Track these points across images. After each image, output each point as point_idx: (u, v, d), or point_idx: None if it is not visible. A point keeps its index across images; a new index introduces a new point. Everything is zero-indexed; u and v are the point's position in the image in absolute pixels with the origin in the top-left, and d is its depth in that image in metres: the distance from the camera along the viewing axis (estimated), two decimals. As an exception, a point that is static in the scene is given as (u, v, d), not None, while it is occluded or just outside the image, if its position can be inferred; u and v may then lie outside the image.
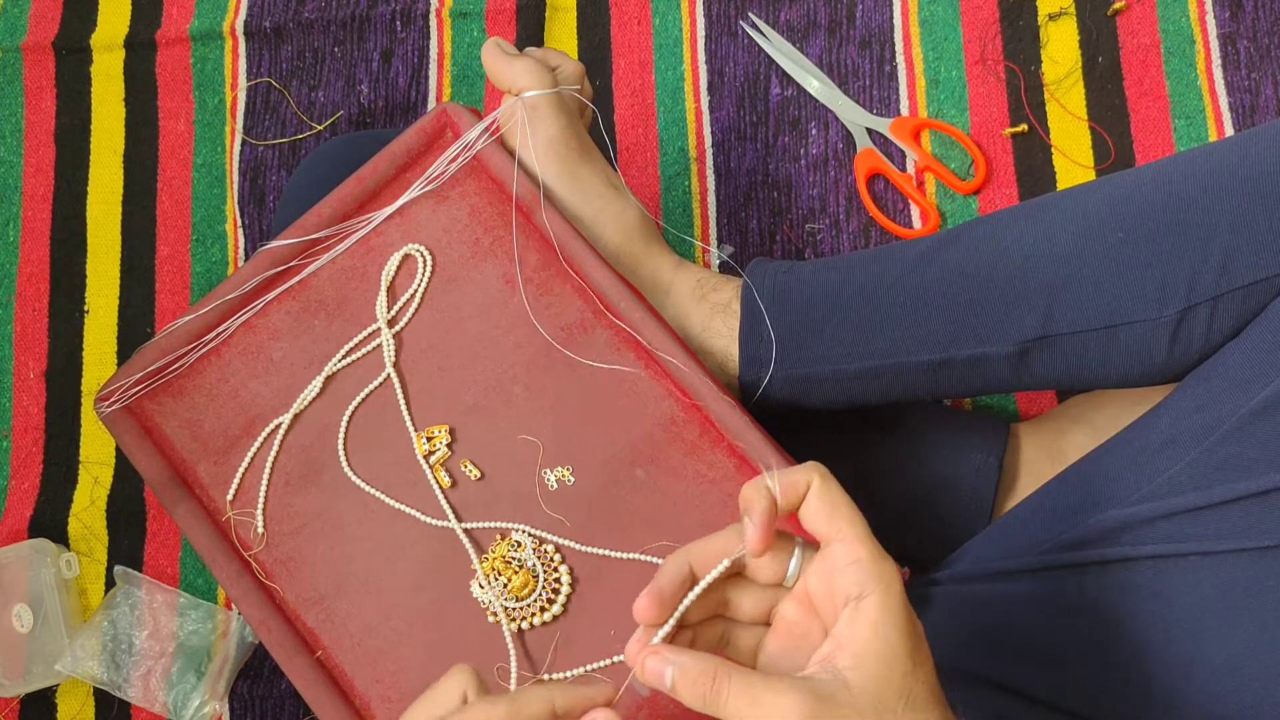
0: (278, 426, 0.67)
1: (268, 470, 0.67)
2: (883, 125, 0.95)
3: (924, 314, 0.65)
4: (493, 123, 0.69)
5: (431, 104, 1.01)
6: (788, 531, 0.49)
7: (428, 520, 0.65)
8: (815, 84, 0.96)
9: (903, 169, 0.95)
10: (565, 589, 0.64)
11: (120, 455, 0.97)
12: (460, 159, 0.69)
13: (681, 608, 0.47)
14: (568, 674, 0.63)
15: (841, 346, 0.67)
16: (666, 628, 0.47)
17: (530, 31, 1.01)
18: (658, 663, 0.46)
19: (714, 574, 0.48)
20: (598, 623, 0.63)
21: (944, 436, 0.80)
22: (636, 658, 0.47)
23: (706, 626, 0.50)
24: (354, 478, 0.66)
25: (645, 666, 0.46)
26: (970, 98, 0.95)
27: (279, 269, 0.69)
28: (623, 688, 0.48)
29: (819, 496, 0.46)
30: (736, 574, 0.49)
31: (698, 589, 0.48)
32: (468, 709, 0.46)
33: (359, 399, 0.67)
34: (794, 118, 0.97)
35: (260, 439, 0.67)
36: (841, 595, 0.45)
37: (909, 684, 0.44)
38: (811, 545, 0.49)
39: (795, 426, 0.73)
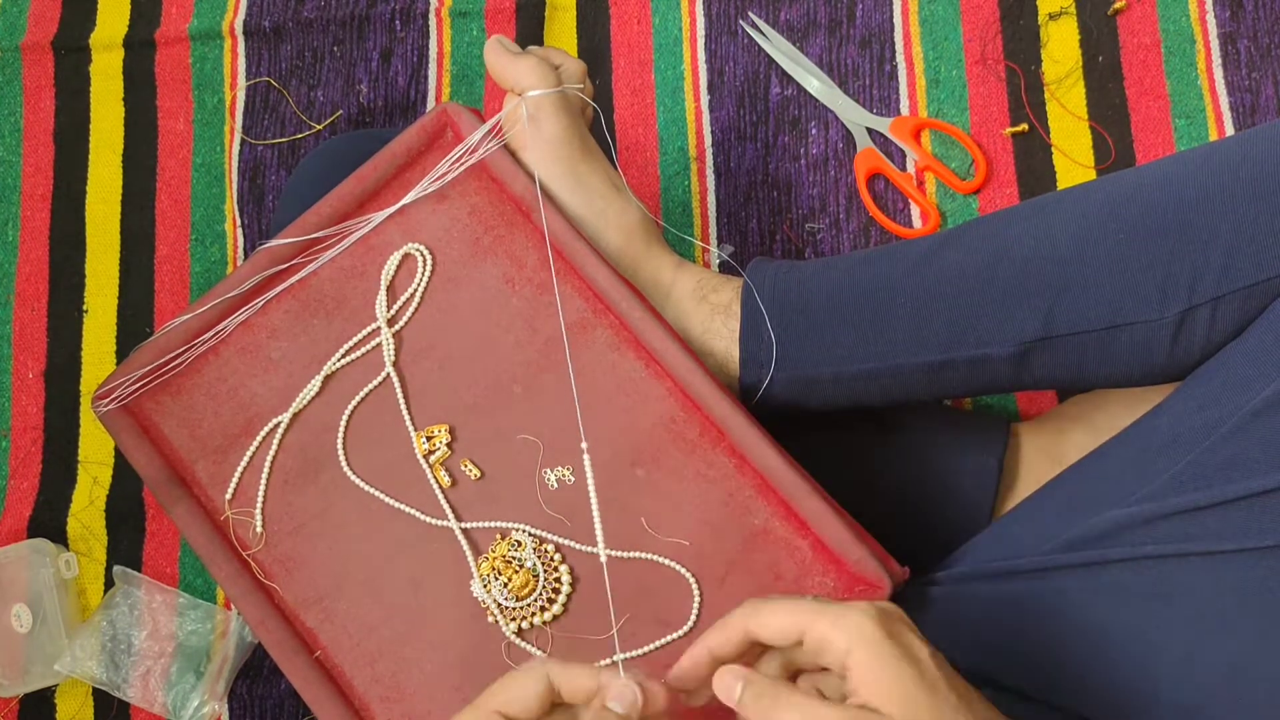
0: (276, 426, 0.67)
1: (266, 470, 0.67)
2: (883, 125, 0.95)
3: (925, 315, 0.65)
4: (496, 125, 0.69)
5: (431, 103, 1.01)
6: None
7: (427, 520, 0.65)
8: (815, 83, 0.96)
9: (903, 169, 0.95)
10: (565, 589, 0.63)
11: (119, 455, 0.97)
12: (465, 162, 0.69)
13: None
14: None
15: (842, 348, 0.67)
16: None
17: (530, 31, 1.01)
18: (731, 678, 0.50)
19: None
20: (598, 623, 0.63)
21: (944, 436, 0.80)
22: (693, 672, 0.51)
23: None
24: (353, 477, 0.66)
25: (721, 679, 0.50)
26: (970, 97, 0.95)
27: (278, 268, 0.69)
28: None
29: (762, 630, 0.50)
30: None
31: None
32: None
33: (358, 398, 0.67)
34: (794, 117, 0.97)
35: (259, 438, 0.67)
36: (840, 666, 0.49)
37: (939, 707, 0.47)
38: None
39: (796, 427, 0.73)
